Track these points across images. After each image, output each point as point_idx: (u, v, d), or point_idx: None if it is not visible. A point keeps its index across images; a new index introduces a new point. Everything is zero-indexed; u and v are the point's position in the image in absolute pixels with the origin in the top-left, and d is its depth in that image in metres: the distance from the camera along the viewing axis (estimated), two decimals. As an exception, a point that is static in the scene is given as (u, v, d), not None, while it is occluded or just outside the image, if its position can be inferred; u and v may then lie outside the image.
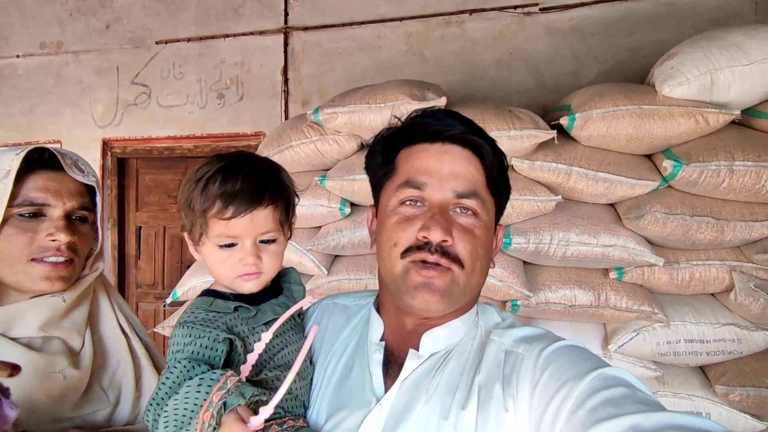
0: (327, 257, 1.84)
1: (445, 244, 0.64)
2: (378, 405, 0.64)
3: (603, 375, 0.54)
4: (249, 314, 0.67)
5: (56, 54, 3.13)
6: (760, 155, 1.44)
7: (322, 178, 1.73)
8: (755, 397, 1.47)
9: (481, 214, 0.67)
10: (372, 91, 1.72)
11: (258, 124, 2.85)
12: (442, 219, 0.64)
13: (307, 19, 2.77)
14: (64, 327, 0.76)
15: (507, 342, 0.66)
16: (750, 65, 1.45)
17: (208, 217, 0.66)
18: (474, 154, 0.68)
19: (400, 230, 0.66)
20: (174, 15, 2.96)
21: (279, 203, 0.69)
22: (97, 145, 3.07)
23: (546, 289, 1.61)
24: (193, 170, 0.70)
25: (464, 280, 0.65)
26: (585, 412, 0.50)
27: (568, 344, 0.63)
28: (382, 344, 0.71)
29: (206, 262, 0.71)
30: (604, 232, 1.56)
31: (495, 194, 0.70)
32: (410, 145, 0.70)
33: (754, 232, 1.50)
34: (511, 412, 0.58)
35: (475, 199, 0.66)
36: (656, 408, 0.49)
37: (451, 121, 0.68)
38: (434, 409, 0.62)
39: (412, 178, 0.67)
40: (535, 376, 0.59)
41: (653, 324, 1.55)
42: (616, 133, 1.55)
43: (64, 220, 0.76)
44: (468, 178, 0.66)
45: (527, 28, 2.47)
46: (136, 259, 3.19)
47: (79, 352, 0.78)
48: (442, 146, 0.68)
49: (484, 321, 0.72)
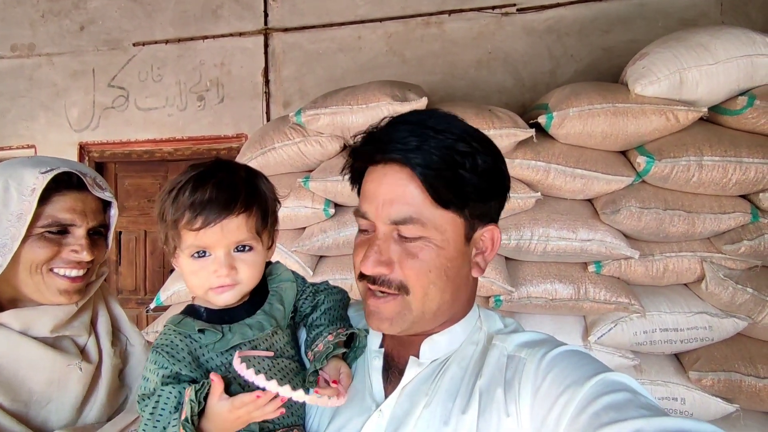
0: (312, 258, 1.85)
1: (381, 275, 0.63)
2: (378, 411, 0.64)
3: (605, 380, 0.54)
4: (214, 338, 0.65)
5: (28, 56, 3.04)
6: (727, 150, 1.51)
7: (305, 180, 1.74)
8: (726, 381, 1.54)
9: (429, 235, 0.62)
10: (354, 92, 1.74)
11: (239, 126, 2.83)
12: (373, 252, 0.63)
13: (286, 20, 2.76)
14: (73, 327, 0.82)
15: (509, 347, 0.65)
16: (715, 64, 1.52)
17: (179, 228, 0.65)
18: (414, 170, 0.61)
19: (355, 255, 0.68)
20: (151, 16, 2.92)
21: (253, 211, 0.67)
22: (74, 150, 3.00)
23: (527, 283, 1.65)
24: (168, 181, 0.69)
25: (417, 305, 0.64)
26: (587, 417, 0.50)
27: (570, 349, 0.62)
28: (381, 351, 0.71)
29: (182, 274, 0.70)
30: (582, 227, 1.61)
31: (451, 207, 0.62)
32: (367, 166, 0.68)
33: (723, 224, 1.57)
34: (512, 416, 0.58)
35: (412, 223, 0.62)
36: (658, 413, 0.49)
37: (392, 136, 0.63)
38: (434, 414, 0.62)
39: (360, 206, 0.67)
40: (537, 381, 0.59)
41: (630, 315, 1.61)
42: (592, 130, 1.60)
43: (87, 239, 0.80)
44: (404, 202, 0.61)
45: (505, 28, 2.52)
46: (116, 265, 3.13)
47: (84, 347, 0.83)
48: (383, 168, 0.64)
49: (488, 326, 0.71)
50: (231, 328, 0.67)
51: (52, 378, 0.76)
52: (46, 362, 0.76)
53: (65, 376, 0.77)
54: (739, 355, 1.58)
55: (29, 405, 0.75)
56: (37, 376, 0.76)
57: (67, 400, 0.78)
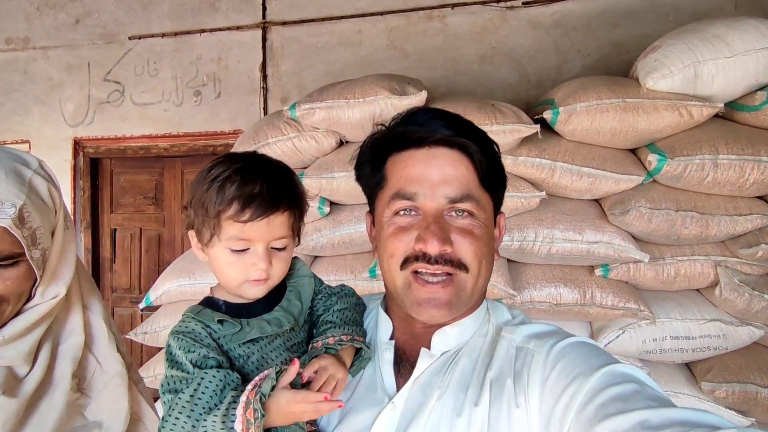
0: (306, 258, 1.78)
1: (445, 253, 0.63)
2: (390, 404, 0.64)
3: (613, 371, 0.54)
4: (233, 330, 0.66)
5: (23, 50, 2.99)
6: (744, 148, 1.43)
7: (300, 176, 1.67)
8: (740, 393, 1.46)
9: (477, 214, 0.66)
10: (350, 85, 1.67)
11: (236, 122, 2.77)
12: (437, 229, 0.63)
13: (285, 13, 2.69)
14: (4, 357, 0.69)
15: (518, 338, 0.66)
16: (732, 57, 1.43)
17: (223, 218, 0.64)
18: (462, 153, 0.66)
19: (395, 241, 0.66)
20: (147, 9, 2.86)
21: (294, 209, 0.69)
22: (68, 145, 2.95)
23: (531, 287, 1.58)
24: (203, 169, 0.68)
25: (471, 283, 0.65)
26: (594, 408, 0.51)
27: (578, 340, 0.63)
28: (392, 343, 0.71)
29: (213, 264, 0.69)
30: (589, 228, 1.53)
31: (490, 190, 0.68)
32: (397, 152, 0.68)
33: (739, 227, 1.48)
34: (522, 407, 0.59)
35: (469, 201, 0.65)
36: (665, 404, 0.49)
37: (435, 124, 0.66)
38: (447, 406, 0.62)
39: (403, 189, 0.66)
40: (546, 372, 0.59)
41: (639, 321, 1.53)
42: (600, 127, 1.52)
43: None
44: (459, 181, 0.65)
45: (510, 22, 2.44)
46: (111, 263, 3.08)
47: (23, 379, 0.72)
48: (429, 151, 0.66)
49: (495, 318, 0.72)
50: (249, 322, 0.67)
51: None
52: None
53: None
54: (755, 365, 1.50)
55: None
56: None
57: None
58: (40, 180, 0.73)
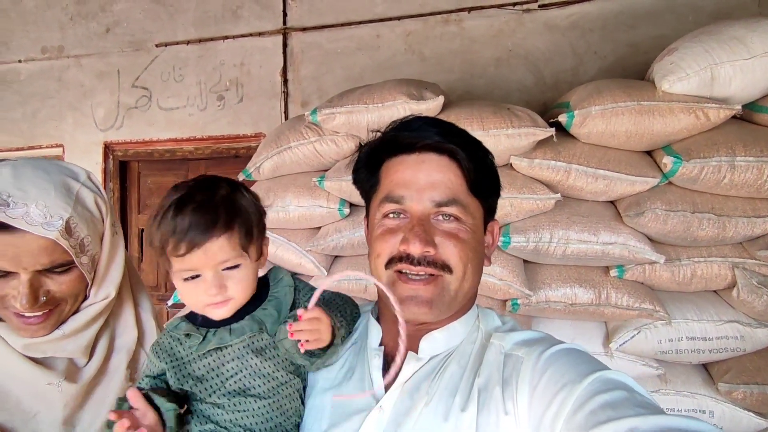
0: (327, 258, 1.84)
1: (428, 254, 0.65)
2: (378, 407, 0.65)
3: (602, 378, 0.55)
4: (197, 341, 0.70)
5: (57, 58, 3.14)
6: (762, 150, 1.43)
7: (320, 179, 1.73)
8: (759, 395, 1.45)
9: (464, 219, 0.67)
10: (369, 91, 1.72)
11: (258, 126, 2.85)
12: (420, 231, 0.65)
13: (305, 19, 2.76)
14: (66, 349, 0.77)
15: (507, 345, 0.66)
16: (751, 59, 1.43)
17: (168, 254, 0.67)
18: (451, 159, 0.68)
19: (382, 242, 0.69)
20: (173, 17, 2.97)
21: (235, 229, 0.68)
22: (99, 149, 3.08)
23: (546, 287, 1.60)
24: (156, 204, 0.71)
25: (456, 285, 0.67)
26: (584, 415, 0.51)
27: (567, 347, 0.63)
28: (381, 349, 0.72)
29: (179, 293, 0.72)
30: (604, 229, 1.55)
31: (479, 196, 0.70)
32: (390, 157, 0.71)
33: (757, 229, 1.48)
34: (510, 414, 0.59)
35: (455, 205, 0.67)
36: (654, 411, 0.49)
37: (426, 130, 0.69)
38: (434, 411, 0.62)
39: (391, 192, 0.69)
40: (535, 379, 0.59)
41: (655, 322, 1.54)
42: (615, 129, 1.54)
43: (27, 287, 0.69)
44: (446, 186, 0.67)
45: (526, 25, 2.46)
46: (138, 262, 3.21)
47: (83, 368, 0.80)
48: (418, 156, 0.68)
49: (485, 324, 0.72)
50: (215, 332, 0.70)
51: (36, 391, 0.75)
52: (26, 375, 0.75)
53: (47, 392, 0.75)
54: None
55: (14, 413, 0.74)
56: (22, 388, 0.75)
57: (53, 415, 0.76)
58: (87, 192, 0.78)
